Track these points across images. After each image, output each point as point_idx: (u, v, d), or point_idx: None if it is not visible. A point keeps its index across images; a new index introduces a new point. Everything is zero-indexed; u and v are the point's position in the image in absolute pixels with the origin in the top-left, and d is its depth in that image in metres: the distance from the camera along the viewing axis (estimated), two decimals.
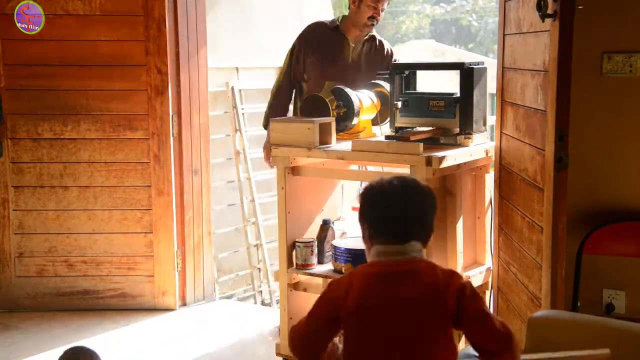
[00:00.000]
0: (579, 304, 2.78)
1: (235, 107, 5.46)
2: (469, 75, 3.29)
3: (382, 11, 3.87)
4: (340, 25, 3.93)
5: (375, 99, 3.72)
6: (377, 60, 3.99)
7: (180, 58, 4.40)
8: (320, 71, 3.89)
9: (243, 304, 5.18)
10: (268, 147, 3.96)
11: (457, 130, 3.33)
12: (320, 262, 3.51)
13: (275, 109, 4.00)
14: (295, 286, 3.54)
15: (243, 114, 5.47)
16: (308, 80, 3.96)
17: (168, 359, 3.86)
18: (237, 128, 5.45)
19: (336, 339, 2.20)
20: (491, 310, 3.51)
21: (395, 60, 4.04)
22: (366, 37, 3.96)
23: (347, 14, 3.97)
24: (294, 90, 4.07)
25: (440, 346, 2.00)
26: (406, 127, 3.48)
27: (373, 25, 3.90)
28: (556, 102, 2.54)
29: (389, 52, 4.04)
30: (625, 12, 2.75)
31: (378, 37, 4.05)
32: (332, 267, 3.45)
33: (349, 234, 3.65)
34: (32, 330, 4.19)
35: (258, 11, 5.82)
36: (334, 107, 3.53)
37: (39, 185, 4.41)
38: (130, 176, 4.39)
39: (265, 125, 4.03)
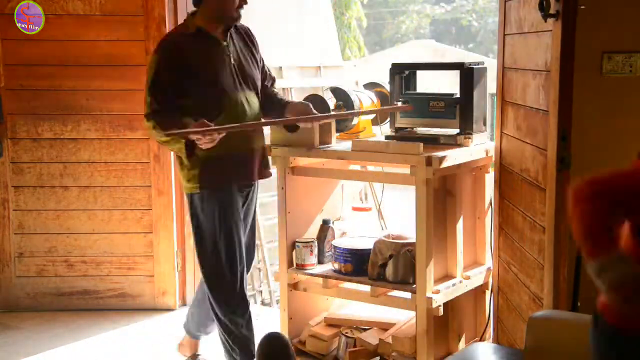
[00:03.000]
0: (579, 304, 2.78)
1: None
2: (469, 75, 3.29)
3: None
4: (201, 25, 3.15)
5: (375, 99, 3.72)
6: (249, 47, 3.35)
7: None
8: (210, 89, 3.12)
9: None
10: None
11: (456, 130, 3.33)
12: (320, 262, 3.52)
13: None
14: (295, 286, 3.54)
15: None
16: (196, 105, 3.10)
17: (168, 359, 3.86)
18: None
19: None
20: (491, 310, 3.51)
21: (257, 46, 3.39)
22: (229, 30, 3.22)
23: (194, 12, 3.20)
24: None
25: None
26: (406, 127, 3.48)
27: (240, 16, 3.18)
28: (558, 102, 2.54)
29: (249, 32, 3.39)
30: (625, 12, 2.74)
31: (237, 24, 3.30)
32: (332, 267, 3.45)
33: (349, 234, 3.65)
34: (32, 330, 4.19)
35: (258, 11, 5.82)
36: (334, 107, 3.53)
37: (39, 185, 4.41)
38: (130, 176, 4.39)
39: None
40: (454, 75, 3.44)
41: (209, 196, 3.17)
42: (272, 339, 3.04)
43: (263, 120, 3.34)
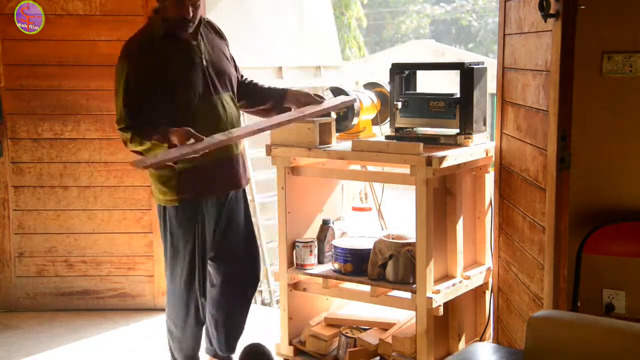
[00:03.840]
0: (579, 304, 2.78)
1: None
2: (469, 75, 3.29)
3: None
4: (165, 28, 3.03)
5: (375, 99, 3.72)
6: (220, 41, 3.26)
7: None
8: (182, 96, 3.02)
9: None
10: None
11: (456, 130, 3.33)
12: (320, 262, 3.51)
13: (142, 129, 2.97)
14: (295, 286, 3.54)
15: (243, 113, 5.46)
16: (169, 111, 3.00)
17: (167, 359, 3.86)
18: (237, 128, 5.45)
19: None
20: (491, 310, 3.51)
21: (225, 38, 3.31)
22: (198, 25, 3.11)
23: (154, 16, 3.10)
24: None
25: None
26: (406, 128, 3.48)
27: (198, 6, 3.02)
28: (558, 102, 2.54)
29: (215, 26, 3.29)
30: (625, 12, 2.75)
31: (205, 18, 3.25)
32: (332, 267, 3.45)
33: (349, 234, 3.65)
34: (32, 330, 4.19)
35: (258, 11, 5.82)
36: None
37: (39, 185, 4.41)
38: (130, 176, 4.39)
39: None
40: (454, 75, 3.43)
41: (186, 209, 3.07)
42: (253, 348, 2.96)
43: (251, 119, 3.28)
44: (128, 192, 4.41)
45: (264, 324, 4.30)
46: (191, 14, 2.99)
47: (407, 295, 3.22)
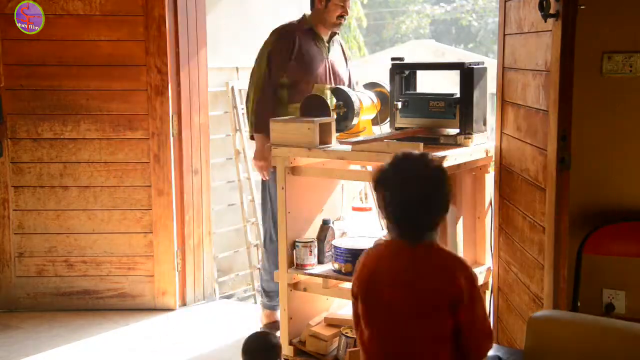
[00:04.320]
0: (579, 304, 2.78)
1: (235, 107, 5.46)
2: (469, 75, 3.29)
3: (349, 8, 3.87)
4: (313, 25, 3.88)
5: (375, 99, 3.72)
6: (342, 60, 4.02)
7: (180, 58, 4.40)
8: (305, 74, 3.82)
9: (243, 304, 5.18)
10: (260, 156, 3.89)
11: (456, 130, 3.33)
12: (320, 262, 3.51)
13: (263, 117, 3.75)
14: (295, 286, 3.54)
15: (243, 114, 5.47)
16: (292, 84, 3.82)
17: (167, 359, 3.86)
18: (237, 128, 5.45)
19: None
20: (491, 310, 3.51)
21: (347, 58, 4.08)
22: (333, 37, 3.96)
23: (309, 13, 3.93)
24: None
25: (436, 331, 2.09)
26: (406, 128, 3.48)
27: (342, 23, 3.88)
28: (558, 102, 2.54)
29: (348, 54, 4.11)
30: (625, 12, 2.74)
31: (339, 37, 4.06)
32: (332, 267, 3.45)
33: (349, 234, 3.65)
34: (32, 330, 4.19)
35: (258, 11, 5.82)
36: (334, 107, 3.53)
37: (39, 185, 4.41)
38: (130, 176, 4.39)
39: (253, 136, 3.95)
40: (454, 75, 3.44)
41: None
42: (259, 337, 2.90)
43: None
44: (128, 192, 4.41)
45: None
46: (338, 22, 3.85)
47: None
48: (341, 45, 4.06)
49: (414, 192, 2.11)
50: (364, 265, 2.24)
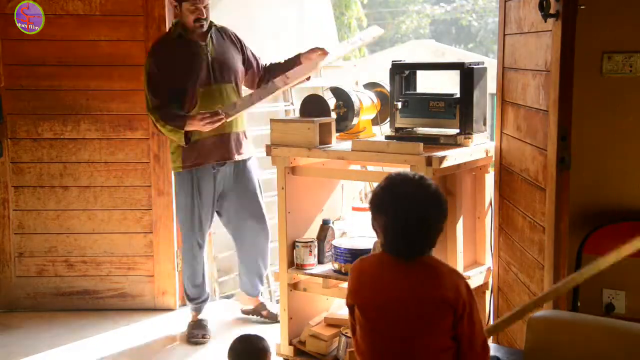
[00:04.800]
0: (579, 304, 2.78)
1: None
2: (469, 75, 3.29)
3: (205, 8, 3.78)
4: (182, 32, 3.82)
5: (375, 99, 3.72)
6: (231, 45, 3.95)
7: None
8: (187, 81, 3.78)
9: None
10: (202, 117, 3.76)
11: (456, 130, 3.33)
12: (320, 262, 3.52)
13: (169, 116, 3.79)
14: (295, 286, 3.54)
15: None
16: (179, 94, 3.80)
17: (167, 359, 3.86)
18: None
19: None
20: (491, 310, 3.51)
21: (241, 41, 4.01)
22: (208, 30, 3.85)
23: (173, 22, 3.93)
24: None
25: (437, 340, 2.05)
26: (406, 128, 3.48)
27: (202, 26, 3.79)
28: (558, 102, 2.54)
29: (235, 35, 4.01)
30: (625, 12, 2.75)
31: (218, 25, 3.96)
32: (332, 267, 3.45)
33: (349, 234, 3.65)
34: (32, 330, 4.19)
35: (258, 11, 5.82)
36: (334, 107, 3.53)
37: (39, 185, 4.41)
38: (130, 176, 4.39)
39: (187, 141, 3.83)
40: (454, 75, 3.44)
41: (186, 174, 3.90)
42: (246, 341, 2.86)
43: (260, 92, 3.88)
44: (128, 192, 4.41)
45: (263, 324, 4.30)
46: (205, 15, 3.77)
47: None
48: (228, 35, 3.97)
49: (413, 217, 2.07)
50: (358, 279, 2.18)
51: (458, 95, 3.34)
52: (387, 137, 3.45)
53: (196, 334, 4.02)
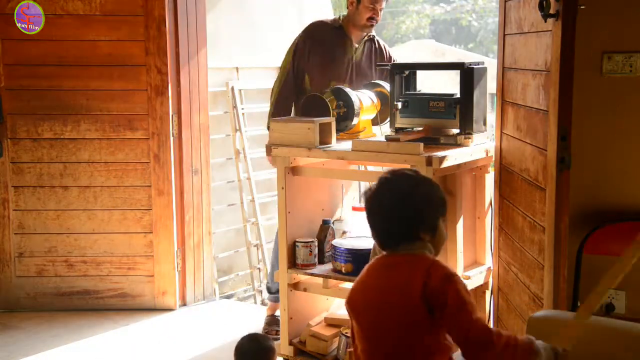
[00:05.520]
0: (579, 304, 2.78)
1: (235, 107, 5.46)
2: (469, 75, 3.29)
3: (380, 11, 3.91)
4: (343, 25, 3.96)
5: (375, 99, 3.72)
6: (377, 62, 4.02)
7: (180, 58, 4.40)
8: (324, 70, 3.91)
9: (243, 304, 5.17)
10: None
11: (456, 130, 3.33)
12: (320, 262, 3.52)
13: (280, 109, 3.95)
14: (295, 286, 3.54)
15: (243, 113, 5.47)
16: (311, 79, 3.94)
17: (167, 359, 3.86)
18: (237, 128, 5.45)
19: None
20: (491, 310, 3.51)
21: (394, 62, 4.03)
22: (366, 38, 3.99)
23: (345, 13, 3.99)
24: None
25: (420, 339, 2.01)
26: (406, 128, 3.48)
27: (372, 25, 3.93)
28: (558, 102, 2.54)
29: (389, 54, 4.09)
30: (625, 12, 2.74)
31: (377, 38, 4.08)
32: (332, 267, 3.45)
33: (349, 234, 3.65)
34: (32, 330, 4.19)
35: (258, 11, 5.81)
36: (334, 107, 3.53)
37: (39, 185, 4.41)
38: (130, 176, 4.39)
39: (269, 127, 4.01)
40: (454, 75, 3.43)
41: None
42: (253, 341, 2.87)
43: None
44: (128, 192, 4.41)
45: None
46: (377, 18, 3.91)
47: None
48: (381, 48, 4.08)
49: (375, 204, 2.09)
50: (354, 284, 2.24)
51: (458, 95, 3.34)
52: (387, 137, 3.44)
53: (271, 330, 4.03)
